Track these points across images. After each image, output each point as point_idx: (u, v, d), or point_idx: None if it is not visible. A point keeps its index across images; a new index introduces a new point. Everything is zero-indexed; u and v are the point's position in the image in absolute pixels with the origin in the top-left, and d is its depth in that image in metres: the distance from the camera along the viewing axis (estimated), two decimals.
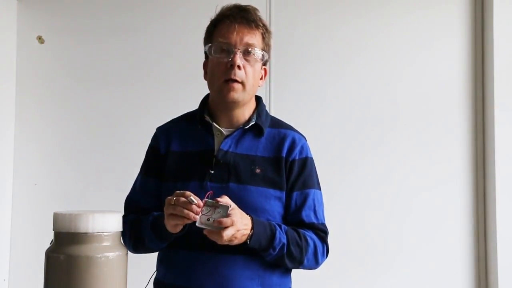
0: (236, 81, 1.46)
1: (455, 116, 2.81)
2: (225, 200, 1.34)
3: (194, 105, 1.61)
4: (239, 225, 1.33)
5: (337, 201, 2.71)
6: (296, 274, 1.61)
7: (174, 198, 1.33)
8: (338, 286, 2.74)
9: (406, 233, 2.78)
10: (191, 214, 1.30)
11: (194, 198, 1.31)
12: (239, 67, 1.45)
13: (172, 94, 2.79)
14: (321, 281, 2.59)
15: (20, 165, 2.84)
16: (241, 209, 1.37)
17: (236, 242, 1.35)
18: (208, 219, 1.31)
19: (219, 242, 1.33)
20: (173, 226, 1.36)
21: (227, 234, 1.31)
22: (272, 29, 2.75)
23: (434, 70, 2.83)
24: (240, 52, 1.46)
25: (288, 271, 1.56)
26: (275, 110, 2.75)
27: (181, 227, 1.37)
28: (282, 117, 1.66)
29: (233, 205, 1.35)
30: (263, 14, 1.57)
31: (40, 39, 2.87)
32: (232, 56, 1.45)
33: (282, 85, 2.81)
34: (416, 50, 2.84)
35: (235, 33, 1.46)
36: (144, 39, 2.86)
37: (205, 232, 1.33)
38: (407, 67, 2.84)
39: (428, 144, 2.80)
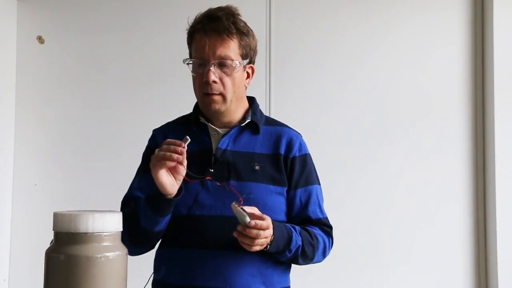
0: (214, 94, 1.47)
1: (456, 117, 2.81)
2: (251, 211, 1.35)
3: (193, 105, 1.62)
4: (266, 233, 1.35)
5: (336, 202, 2.70)
6: (298, 274, 1.62)
7: (158, 150, 1.37)
8: (338, 286, 2.74)
9: (406, 233, 2.78)
10: (177, 152, 1.33)
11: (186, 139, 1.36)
12: (214, 81, 1.45)
13: (172, 95, 2.79)
14: (321, 281, 2.59)
15: (20, 165, 2.84)
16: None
17: (257, 248, 1.36)
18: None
19: (248, 245, 1.35)
20: (161, 177, 1.34)
21: (257, 241, 1.34)
22: (272, 30, 2.78)
23: (435, 73, 2.83)
24: (214, 65, 1.45)
25: (288, 270, 1.58)
26: (275, 111, 2.74)
27: (177, 187, 1.38)
28: (282, 118, 1.67)
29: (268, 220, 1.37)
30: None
31: (40, 39, 2.87)
32: (206, 72, 1.45)
33: (282, 86, 2.81)
34: (417, 53, 2.84)
35: (206, 47, 1.45)
36: (145, 39, 2.86)
37: (239, 237, 1.34)
38: (407, 70, 2.84)
39: (428, 146, 2.80)
